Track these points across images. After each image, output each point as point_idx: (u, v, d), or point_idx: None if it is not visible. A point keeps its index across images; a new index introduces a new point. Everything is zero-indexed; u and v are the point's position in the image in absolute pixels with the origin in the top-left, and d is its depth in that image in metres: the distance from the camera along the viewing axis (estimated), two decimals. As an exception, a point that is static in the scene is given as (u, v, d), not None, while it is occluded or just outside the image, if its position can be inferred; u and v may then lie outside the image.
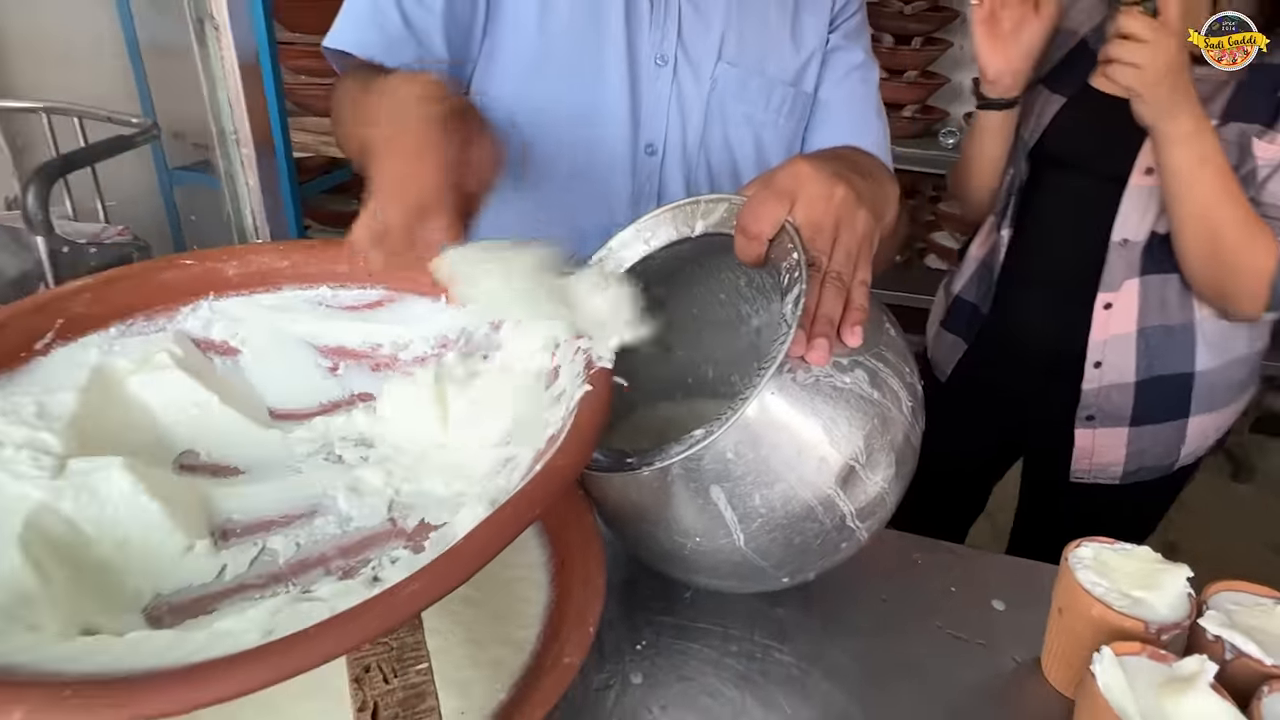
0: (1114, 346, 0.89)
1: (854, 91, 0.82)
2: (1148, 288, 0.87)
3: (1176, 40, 0.73)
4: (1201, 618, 0.48)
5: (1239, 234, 0.79)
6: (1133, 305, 0.88)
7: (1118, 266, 0.87)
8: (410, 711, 0.36)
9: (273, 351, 0.55)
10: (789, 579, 0.50)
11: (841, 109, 0.82)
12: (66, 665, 0.31)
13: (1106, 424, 0.93)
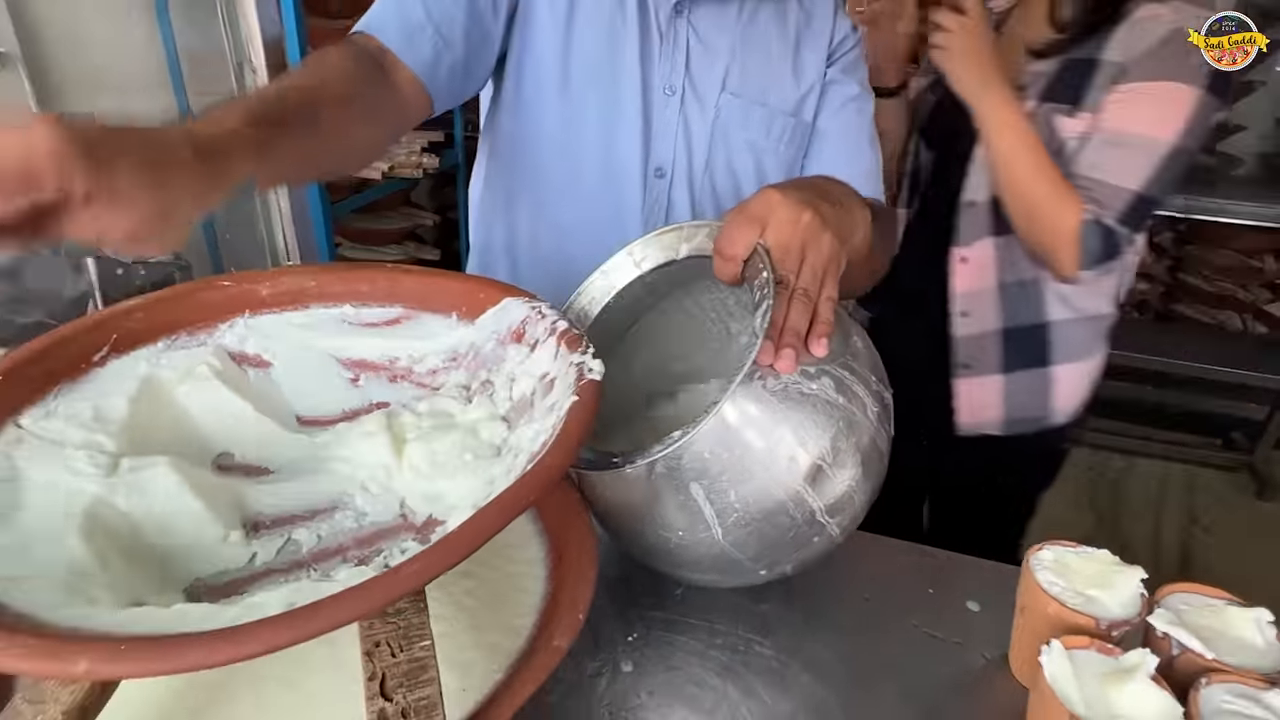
0: (977, 298, 1.03)
1: (849, 122, 0.87)
2: (1000, 247, 1.00)
3: (975, 29, 0.92)
4: (1151, 615, 0.51)
5: (1046, 196, 0.90)
6: (990, 261, 1.01)
7: (969, 225, 1.01)
8: (413, 681, 0.41)
9: (300, 364, 0.61)
10: (766, 571, 0.55)
11: (837, 138, 0.86)
12: (119, 629, 0.36)
13: (981, 373, 1.05)
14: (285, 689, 0.48)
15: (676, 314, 0.70)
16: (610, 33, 0.78)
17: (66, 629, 0.35)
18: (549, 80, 0.79)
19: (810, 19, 0.85)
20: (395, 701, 0.40)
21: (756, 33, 0.82)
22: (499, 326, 0.59)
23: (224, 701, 0.47)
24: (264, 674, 0.49)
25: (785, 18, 0.84)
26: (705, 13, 0.80)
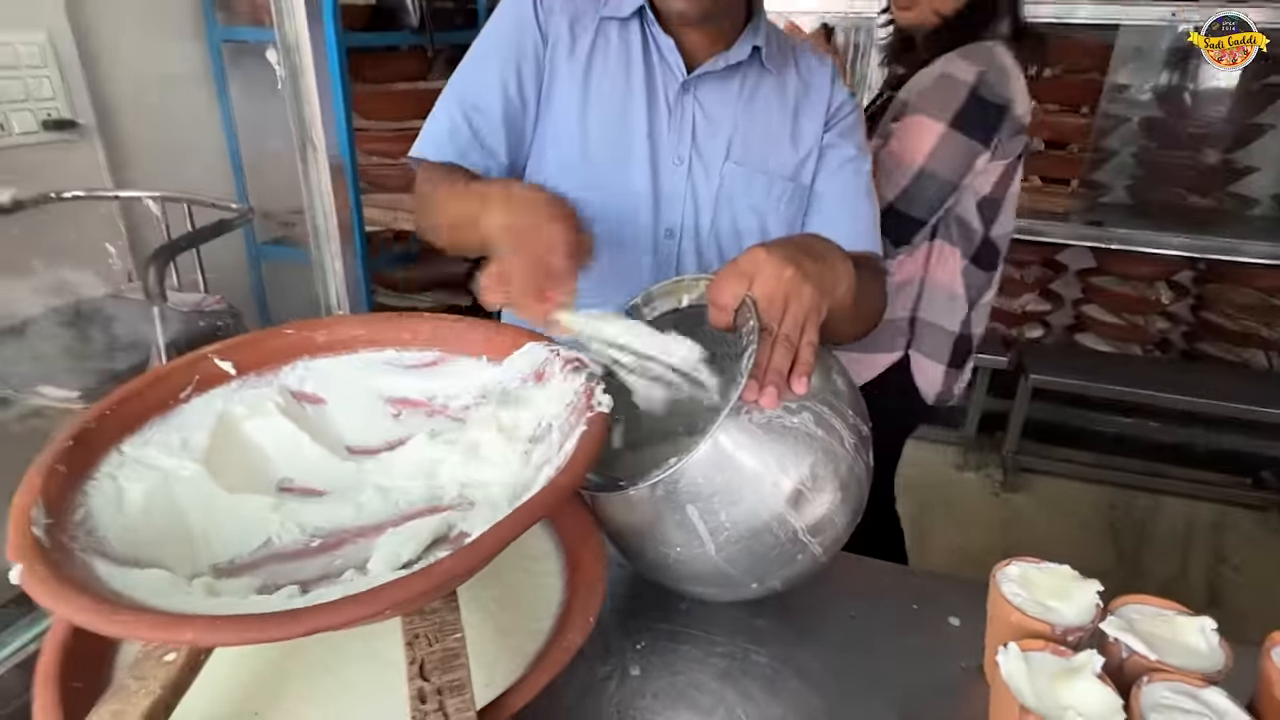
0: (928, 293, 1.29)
1: (846, 183, 0.94)
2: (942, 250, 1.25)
3: None
4: (1103, 622, 0.57)
5: None
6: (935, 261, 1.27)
7: None
8: (447, 665, 0.48)
9: (351, 401, 0.70)
10: (757, 585, 0.61)
11: (835, 198, 0.94)
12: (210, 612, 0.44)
13: None
14: (329, 675, 0.56)
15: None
16: (622, 110, 0.88)
17: (174, 612, 0.43)
18: (570, 154, 0.89)
19: (808, 90, 0.94)
20: (431, 681, 0.47)
21: (757, 105, 0.91)
22: (523, 367, 0.68)
23: (278, 686, 0.55)
24: (312, 664, 0.57)
25: (784, 90, 0.93)
26: (709, 89, 0.90)
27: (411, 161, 0.89)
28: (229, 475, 0.60)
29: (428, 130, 0.88)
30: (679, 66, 0.88)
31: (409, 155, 0.88)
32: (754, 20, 0.90)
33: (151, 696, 0.46)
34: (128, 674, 0.48)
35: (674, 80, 0.88)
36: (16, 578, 0.43)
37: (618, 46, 0.89)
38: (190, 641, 0.42)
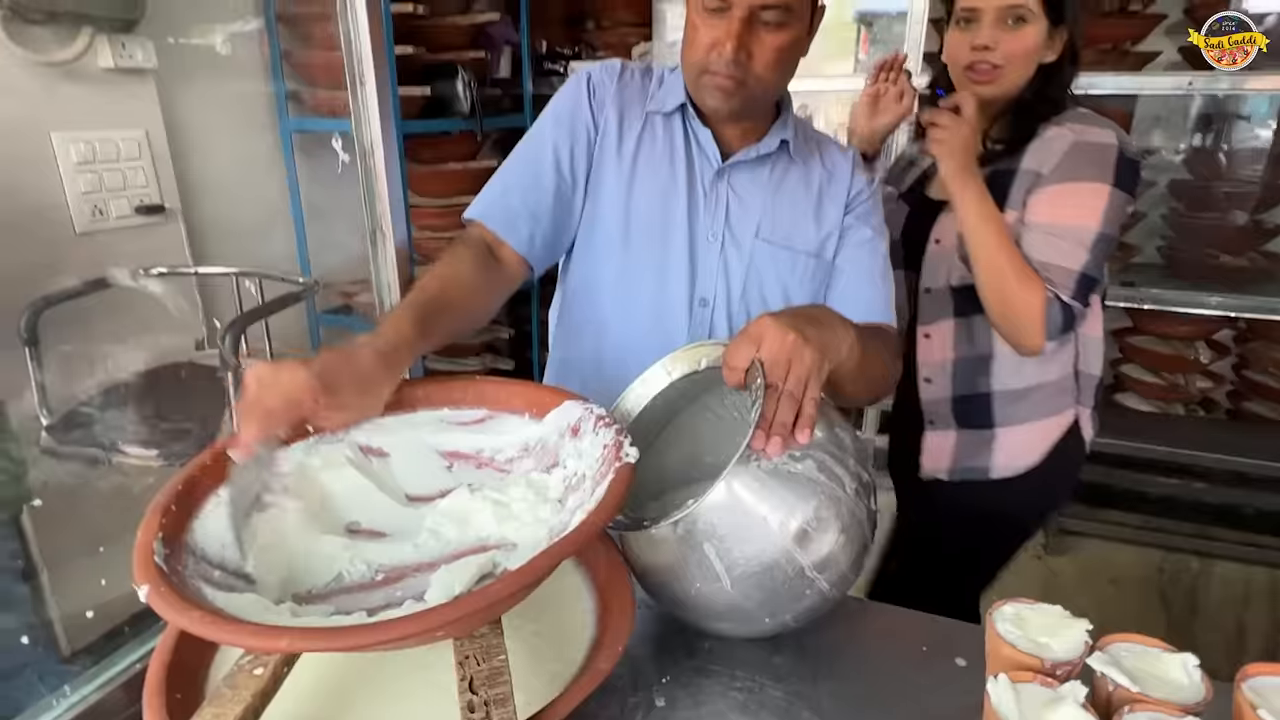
0: (938, 368, 1.24)
1: (863, 260, 1.02)
2: (958, 327, 1.21)
3: (968, 130, 1.10)
4: (1090, 657, 0.61)
5: (1016, 278, 1.07)
6: (948, 338, 1.22)
7: (929, 307, 1.23)
8: (492, 682, 0.56)
9: (410, 454, 0.79)
10: (770, 619, 0.67)
11: (853, 274, 1.02)
12: (300, 625, 0.53)
13: (940, 426, 1.27)
14: (390, 694, 0.64)
15: (706, 414, 0.86)
16: (663, 193, 0.98)
17: (271, 624, 0.52)
18: (614, 231, 0.99)
19: (832, 177, 1.03)
20: (479, 695, 0.55)
21: (785, 189, 1.01)
22: (560, 423, 0.76)
23: (346, 701, 0.63)
24: (375, 684, 0.64)
25: (810, 176, 1.02)
26: (742, 175, 1.00)
27: (465, 221, 0.98)
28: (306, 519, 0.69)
29: (483, 195, 0.98)
30: (715, 155, 0.98)
31: (464, 216, 0.97)
32: (782, 116, 1.00)
33: (243, 703, 0.54)
34: (223, 684, 0.56)
35: (710, 167, 0.99)
36: (144, 597, 0.53)
37: (662, 137, 0.99)
38: (285, 648, 0.51)
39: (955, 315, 1.21)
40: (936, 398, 1.26)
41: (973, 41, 1.13)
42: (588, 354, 1.05)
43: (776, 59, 0.88)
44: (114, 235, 1.89)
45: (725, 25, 0.85)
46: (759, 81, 0.89)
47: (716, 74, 0.88)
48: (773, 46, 0.87)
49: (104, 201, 1.85)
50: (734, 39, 0.85)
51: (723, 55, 0.86)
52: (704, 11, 0.86)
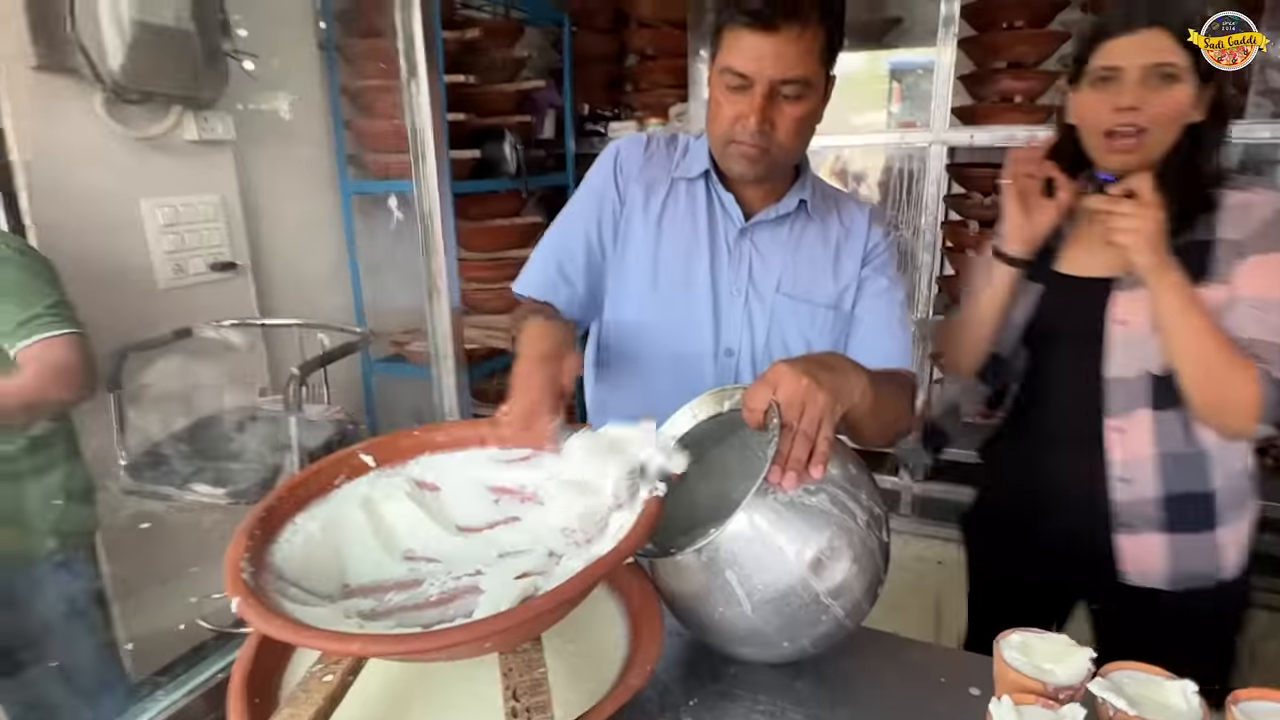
0: (1137, 466, 1.08)
1: (880, 310, 1.09)
2: (1159, 420, 1.06)
3: (1156, 213, 0.97)
4: (1091, 682, 0.65)
5: (1224, 361, 0.98)
6: (1147, 432, 1.07)
7: (1119, 397, 1.08)
8: (533, 691, 0.62)
9: (460, 489, 0.87)
10: (789, 644, 0.72)
11: (871, 323, 1.09)
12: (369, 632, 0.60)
13: (1142, 530, 1.09)
14: (441, 703, 0.70)
15: (731, 454, 0.93)
16: (688, 252, 1.07)
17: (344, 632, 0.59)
18: (643, 287, 1.08)
19: (849, 233, 1.10)
20: (521, 702, 0.61)
21: (804, 246, 1.08)
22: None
23: (403, 708, 0.70)
24: (428, 694, 0.71)
25: (828, 233, 1.10)
26: (763, 234, 1.08)
27: (516, 296, 1.10)
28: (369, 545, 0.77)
29: (527, 271, 1.11)
30: (738, 216, 1.07)
31: (514, 290, 1.09)
32: (801, 178, 1.09)
33: (315, 705, 0.62)
34: (297, 688, 0.64)
35: (733, 227, 1.07)
36: (235, 609, 0.61)
37: (686, 200, 1.09)
38: (356, 652, 0.58)
39: (1154, 407, 1.06)
40: (1138, 499, 1.09)
41: (1115, 103, 1.01)
42: (622, 398, 1.13)
43: (796, 128, 0.97)
44: (191, 290, 2.05)
45: (748, 100, 0.94)
46: (781, 148, 0.98)
47: (742, 144, 0.97)
48: (792, 117, 0.96)
49: (184, 260, 2.02)
50: (757, 112, 0.94)
51: (747, 127, 0.95)
52: (727, 89, 0.95)
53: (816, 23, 0.92)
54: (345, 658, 0.65)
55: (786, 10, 0.89)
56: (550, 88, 3.08)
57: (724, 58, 0.95)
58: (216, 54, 1.89)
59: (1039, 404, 1.18)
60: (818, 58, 0.94)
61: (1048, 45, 2.74)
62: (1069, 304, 1.13)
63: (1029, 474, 1.19)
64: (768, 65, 0.91)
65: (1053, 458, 1.16)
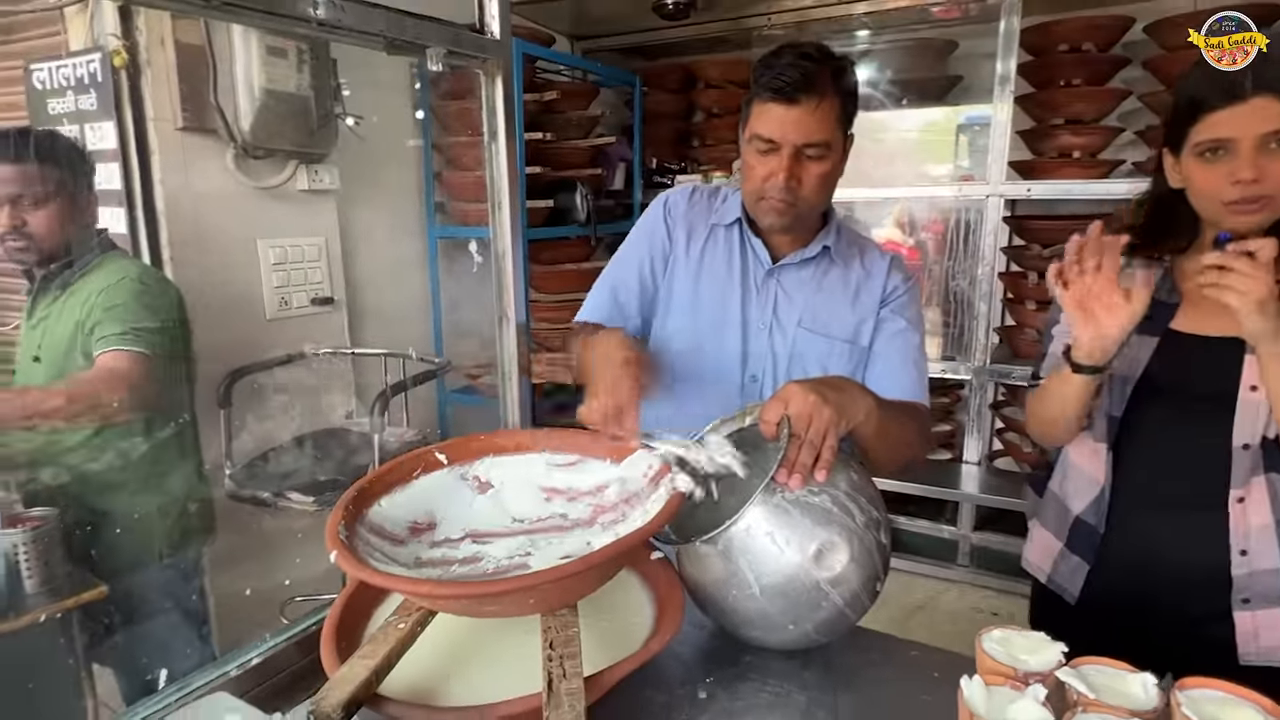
0: (1257, 536, 1.03)
1: (896, 348, 1.20)
2: (1274, 484, 1.02)
3: (1267, 275, 0.90)
4: (1059, 670, 0.72)
5: None
6: (1264, 499, 1.02)
7: (1242, 467, 1.03)
8: (567, 643, 0.74)
9: (517, 487, 1.01)
10: (793, 627, 0.82)
11: (887, 359, 1.19)
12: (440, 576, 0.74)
13: (1263, 605, 1.03)
14: (490, 656, 0.83)
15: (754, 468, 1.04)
16: (723, 289, 1.21)
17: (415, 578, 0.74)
18: (684, 320, 1.22)
19: (869, 276, 1.22)
20: (557, 650, 0.73)
21: (825, 286, 1.21)
22: (634, 466, 0.96)
23: (460, 660, 0.83)
24: (481, 649, 0.84)
25: (849, 275, 1.22)
26: (788, 275, 1.21)
27: (576, 325, 1.24)
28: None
29: (589, 302, 1.27)
30: (766, 259, 1.20)
31: (574, 320, 1.24)
32: (827, 226, 1.22)
33: (389, 645, 0.76)
34: (376, 634, 0.78)
35: (761, 269, 1.20)
36: (333, 559, 0.76)
37: (723, 244, 1.23)
38: (426, 593, 0.72)
39: (1268, 470, 1.02)
40: (1257, 570, 1.03)
41: (1233, 176, 0.97)
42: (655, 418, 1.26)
43: (819, 184, 1.10)
44: (293, 321, 2.30)
45: (776, 160, 1.08)
46: (806, 202, 1.11)
47: (771, 199, 1.10)
48: (815, 174, 1.09)
49: (289, 294, 2.28)
50: (784, 171, 1.08)
51: (776, 184, 1.09)
52: (757, 153, 1.10)
53: (832, 94, 1.06)
54: (416, 613, 0.79)
55: (805, 87, 1.04)
56: (621, 143, 3.30)
57: (753, 126, 1.09)
58: (329, 115, 2.16)
59: (1149, 468, 1.10)
60: (835, 123, 1.08)
61: (1107, 102, 2.80)
62: (1191, 364, 1.06)
63: (1139, 545, 1.10)
64: (791, 132, 1.06)
65: (1168, 528, 1.08)
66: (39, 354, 1.59)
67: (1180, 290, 1.10)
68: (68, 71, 1.89)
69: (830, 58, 1.08)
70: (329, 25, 0.83)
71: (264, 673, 0.88)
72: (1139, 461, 1.11)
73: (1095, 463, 1.13)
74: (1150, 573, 1.09)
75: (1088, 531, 1.14)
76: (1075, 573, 1.15)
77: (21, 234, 1.51)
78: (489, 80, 1.13)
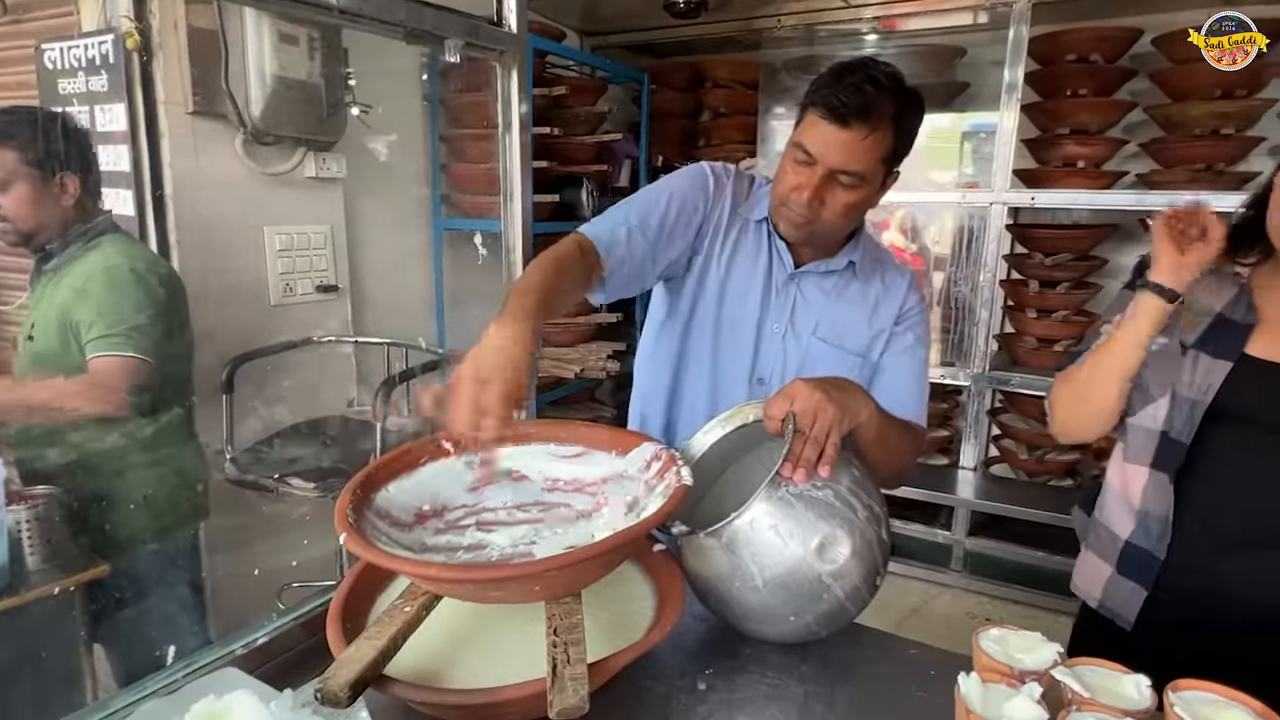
0: None
1: (904, 364, 1.19)
2: None
3: None
4: (1054, 669, 0.74)
5: None
6: None
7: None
8: (570, 629, 0.75)
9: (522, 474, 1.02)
10: (794, 618, 0.84)
11: (893, 374, 1.19)
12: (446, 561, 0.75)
13: None
14: (494, 641, 0.84)
15: (757, 465, 1.05)
16: (746, 287, 1.18)
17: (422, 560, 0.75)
18: (709, 310, 1.18)
19: (888, 292, 1.20)
20: (560, 636, 0.74)
21: (844, 299, 1.19)
22: (639, 459, 0.97)
23: (465, 643, 0.84)
24: (485, 633, 0.85)
25: (868, 290, 1.20)
26: (809, 282, 1.19)
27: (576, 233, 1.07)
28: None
29: (599, 220, 1.10)
30: (789, 263, 1.17)
31: (577, 229, 1.10)
32: (855, 240, 1.19)
33: (395, 627, 0.77)
34: (382, 616, 0.79)
35: (784, 271, 1.19)
36: (342, 541, 0.77)
37: (752, 240, 1.19)
38: (434, 576, 0.73)
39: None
40: None
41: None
42: (661, 409, 1.26)
43: (844, 211, 1.07)
44: (297, 308, 2.31)
45: (808, 175, 1.04)
46: (825, 225, 1.08)
47: (791, 211, 1.08)
48: (843, 201, 1.06)
49: (294, 281, 2.28)
50: (811, 189, 1.04)
51: (800, 199, 1.05)
52: (794, 161, 1.06)
53: (885, 128, 1.01)
54: (421, 596, 0.80)
55: (861, 114, 0.98)
56: (628, 140, 3.31)
57: (799, 134, 1.05)
58: (338, 104, 2.16)
59: (1216, 498, 1.04)
60: (879, 158, 1.03)
61: (1113, 113, 2.81)
62: (1266, 393, 1.00)
63: (1202, 577, 1.04)
64: (831, 154, 1.02)
65: (1234, 562, 1.03)
66: (32, 333, 1.59)
67: (1259, 311, 1.03)
68: (79, 52, 1.89)
69: (900, 89, 1.03)
70: (351, 13, 0.84)
71: (269, 652, 0.89)
72: (1204, 491, 1.04)
73: (1138, 486, 1.09)
74: (1213, 606, 1.03)
75: (1143, 557, 1.08)
76: (1130, 598, 1.09)
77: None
78: (505, 72, 1.14)
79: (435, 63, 2.67)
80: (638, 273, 1.11)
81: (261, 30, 1.93)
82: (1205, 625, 1.04)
